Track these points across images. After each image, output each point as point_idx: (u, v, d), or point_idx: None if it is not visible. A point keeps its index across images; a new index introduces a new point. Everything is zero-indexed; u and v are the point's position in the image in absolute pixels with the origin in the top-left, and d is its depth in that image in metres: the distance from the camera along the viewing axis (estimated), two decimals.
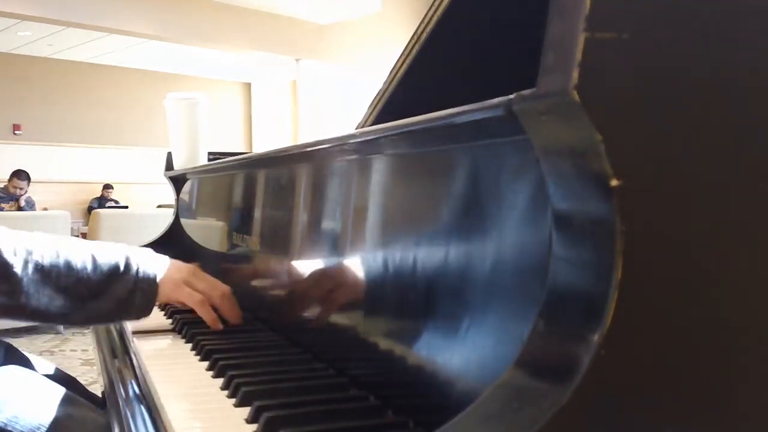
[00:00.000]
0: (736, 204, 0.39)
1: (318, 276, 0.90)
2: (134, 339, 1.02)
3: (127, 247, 1.01)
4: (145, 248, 1.05)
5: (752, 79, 0.39)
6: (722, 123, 0.38)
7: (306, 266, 0.95)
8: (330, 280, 0.86)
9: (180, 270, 1.05)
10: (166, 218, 1.96)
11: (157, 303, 1.01)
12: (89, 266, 0.93)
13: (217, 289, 1.08)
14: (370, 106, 1.16)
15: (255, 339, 1.01)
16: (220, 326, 1.06)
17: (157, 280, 0.98)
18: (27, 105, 9.49)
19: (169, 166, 1.97)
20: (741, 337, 0.39)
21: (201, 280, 1.07)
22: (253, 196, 1.26)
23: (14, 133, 9.47)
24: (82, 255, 0.94)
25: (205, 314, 1.06)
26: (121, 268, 0.95)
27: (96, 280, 0.93)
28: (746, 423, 0.39)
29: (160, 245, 1.85)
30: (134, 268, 0.96)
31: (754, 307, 0.39)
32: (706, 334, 0.38)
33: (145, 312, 0.98)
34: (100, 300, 0.93)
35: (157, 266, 1.01)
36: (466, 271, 0.57)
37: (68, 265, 0.93)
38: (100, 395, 1.17)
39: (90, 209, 9.31)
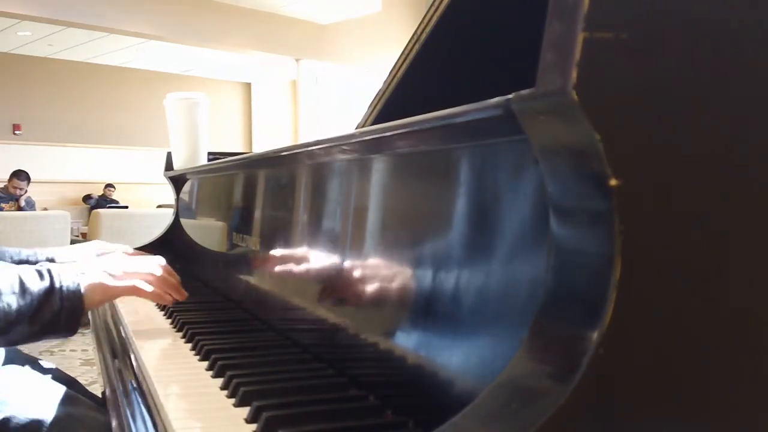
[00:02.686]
0: (736, 203, 0.39)
1: (318, 277, 0.90)
2: (134, 339, 1.02)
3: (49, 265, 0.97)
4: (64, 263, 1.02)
5: (751, 78, 0.39)
6: (721, 122, 0.38)
7: (306, 266, 0.95)
8: (329, 280, 0.86)
9: (100, 268, 1.01)
10: (166, 218, 1.97)
11: (88, 311, 0.99)
12: (17, 290, 0.90)
13: (145, 268, 1.07)
14: (370, 106, 1.16)
15: (255, 339, 1.01)
16: (169, 300, 1.08)
17: (82, 289, 0.95)
18: (27, 105, 9.48)
19: (169, 166, 1.97)
20: (740, 336, 0.39)
21: (125, 266, 1.05)
22: (253, 196, 1.26)
23: (14, 133, 9.47)
24: (9, 279, 0.91)
25: (148, 297, 1.07)
26: (47, 286, 0.92)
27: (24, 305, 0.90)
28: (745, 422, 0.39)
29: (160, 245, 1.85)
30: (57, 285, 0.93)
31: (753, 305, 0.39)
32: (705, 333, 0.38)
33: (71, 329, 0.95)
34: (25, 324, 0.90)
35: (80, 276, 0.97)
36: (466, 271, 0.57)
37: None
38: (100, 395, 1.17)
39: (85, 199, 9.30)
